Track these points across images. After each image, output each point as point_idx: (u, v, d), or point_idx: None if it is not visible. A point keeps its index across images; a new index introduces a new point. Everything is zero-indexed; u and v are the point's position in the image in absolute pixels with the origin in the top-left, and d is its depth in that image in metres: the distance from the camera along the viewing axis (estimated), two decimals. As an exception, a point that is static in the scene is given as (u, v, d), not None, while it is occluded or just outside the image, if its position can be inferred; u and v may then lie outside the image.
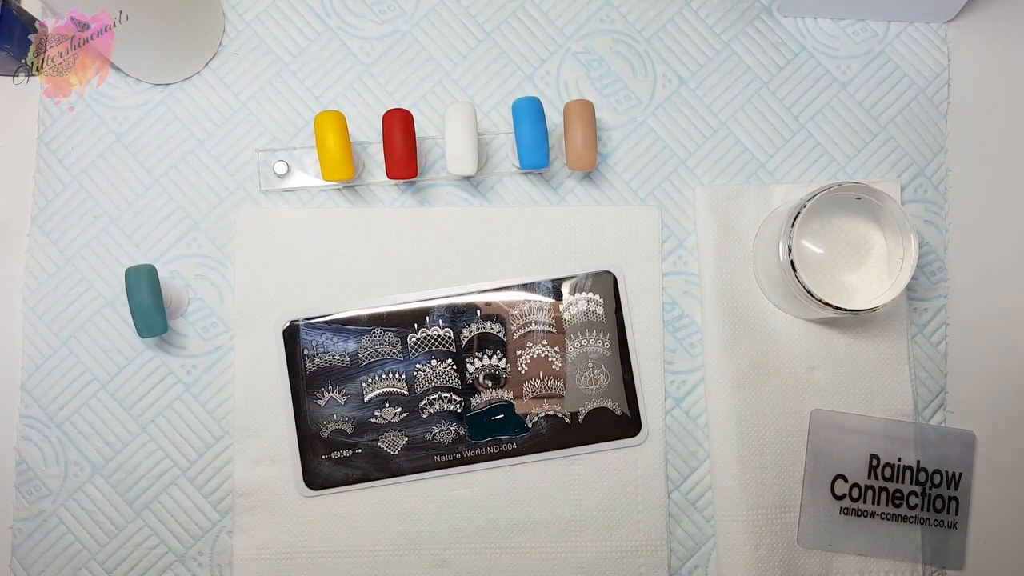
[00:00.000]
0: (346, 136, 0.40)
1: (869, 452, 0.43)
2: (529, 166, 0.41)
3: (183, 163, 0.44)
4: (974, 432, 0.44)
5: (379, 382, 0.42)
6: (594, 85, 0.46)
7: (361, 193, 0.45)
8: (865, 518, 0.43)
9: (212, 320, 0.44)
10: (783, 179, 0.46)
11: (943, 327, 0.45)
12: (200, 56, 0.44)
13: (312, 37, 0.45)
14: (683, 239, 0.45)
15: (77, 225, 0.44)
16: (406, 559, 0.42)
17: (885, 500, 0.43)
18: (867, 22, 0.47)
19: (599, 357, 0.43)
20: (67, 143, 0.44)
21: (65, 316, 0.43)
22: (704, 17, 0.46)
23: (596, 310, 0.44)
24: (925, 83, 0.46)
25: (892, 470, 0.43)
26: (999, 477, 0.45)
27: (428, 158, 0.45)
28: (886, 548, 0.43)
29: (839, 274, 0.42)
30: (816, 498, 0.43)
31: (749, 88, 0.46)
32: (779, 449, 0.43)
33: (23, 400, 0.43)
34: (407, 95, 0.45)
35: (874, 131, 0.46)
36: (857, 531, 0.43)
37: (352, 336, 0.43)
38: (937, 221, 0.46)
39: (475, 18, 0.46)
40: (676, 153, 0.45)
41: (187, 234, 0.44)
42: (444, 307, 0.43)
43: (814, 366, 0.44)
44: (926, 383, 0.45)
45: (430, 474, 0.42)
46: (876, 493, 0.43)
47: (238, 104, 0.45)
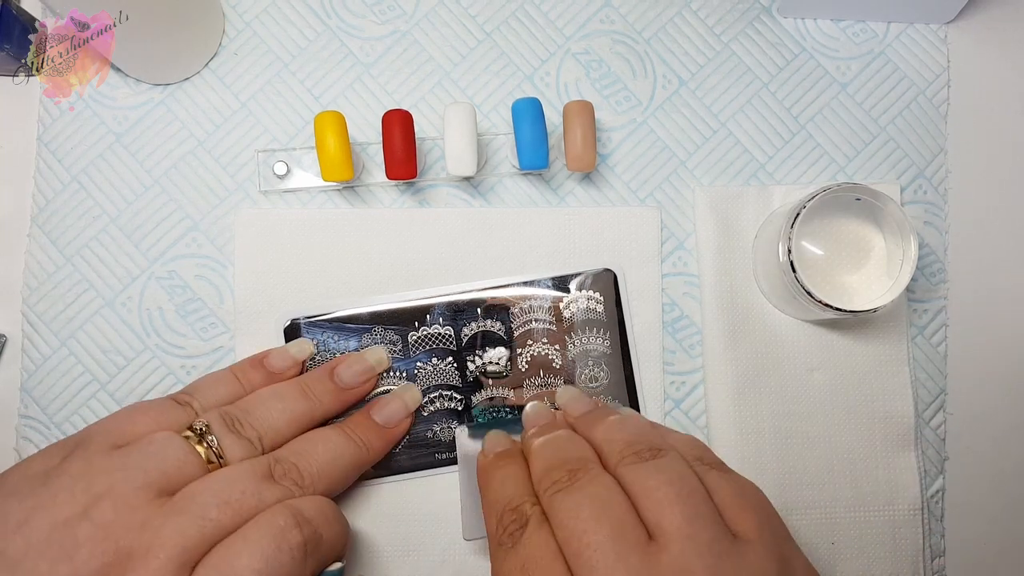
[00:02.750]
0: (346, 137, 0.40)
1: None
2: (529, 167, 0.41)
3: (183, 163, 0.44)
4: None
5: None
6: (594, 86, 0.46)
7: (361, 194, 0.45)
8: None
9: (211, 320, 0.44)
10: (783, 180, 0.46)
11: (943, 328, 0.45)
12: (200, 56, 0.44)
13: (312, 37, 0.45)
14: (683, 240, 0.45)
15: (77, 225, 0.44)
16: (405, 558, 0.42)
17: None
18: (867, 23, 0.46)
19: (599, 355, 0.43)
20: (67, 143, 0.44)
21: (64, 316, 0.43)
22: (704, 18, 0.46)
23: (596, 308, 0.44)
24: (925, 84, 0.46)
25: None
26: (999, 477, 0.45)
27: (428, 159, 0.45)
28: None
29: (839, 275, 0.42)
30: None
31: (749, 89, 0.46)
32: (778, 451, 0.43)
33: (22, 400, 0.43)
34: (407, 95, 0.45)
35: (874, 132, 0.46)
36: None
37: (353, 334, 0.43)
38: (937, 222, 0.46)
39: (475, 19, 0.46)
40: (676, 154, 0.45)
41: (187, 234, 0.44)
42: (444, 305, 0.43)
43: (814, 367, 0.44)
44: (926, 384, 0.45)
45: (431, 472, 0.42)
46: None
47: (238, 104, 0.45)
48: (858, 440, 0.44)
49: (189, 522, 0.31)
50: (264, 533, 0.32)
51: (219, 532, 0.32)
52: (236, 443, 0.35)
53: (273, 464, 0.35)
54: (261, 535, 0.32)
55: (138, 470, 0.32)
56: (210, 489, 0.33)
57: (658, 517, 0.29)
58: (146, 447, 0.33)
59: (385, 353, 0.42)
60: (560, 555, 0.30)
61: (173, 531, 0.31)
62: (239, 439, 0.35)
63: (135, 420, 0.35)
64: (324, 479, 0.37)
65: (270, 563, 0.31)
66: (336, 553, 0.35)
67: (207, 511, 0.32)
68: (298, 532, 0.32)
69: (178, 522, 0.31)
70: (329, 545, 0.34)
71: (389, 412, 0.41)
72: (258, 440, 0.36)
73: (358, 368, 0.41)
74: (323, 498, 0.36)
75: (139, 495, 0.32)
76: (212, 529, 0.31)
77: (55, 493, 0.31)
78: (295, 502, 0.34)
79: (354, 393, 0.41)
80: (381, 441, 0.40)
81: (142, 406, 0.36)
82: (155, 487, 0.32)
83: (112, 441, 0.34)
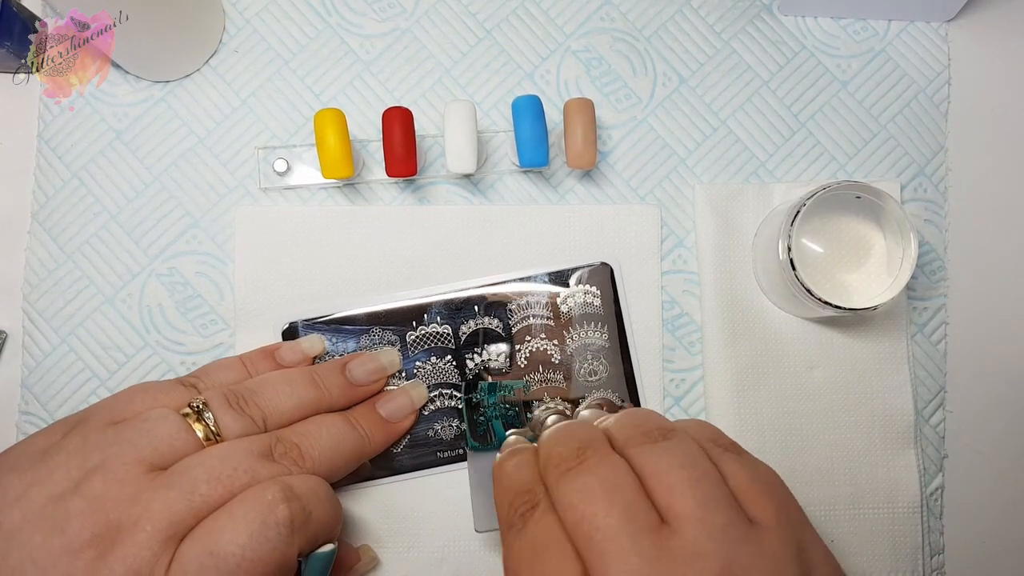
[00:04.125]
0: (346, 134, 0.40)
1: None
2: (529, 164, 0.41)
3: (183, 160, 0.44)
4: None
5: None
6: (594, 83, 0.46)
7: (361, 191, 0.45)
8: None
9: (211, 317, 0.44)
10: (783, 178, 0.46)
11: (943, 327, 0.45)
12: (200, 53, 0.45)
13: (312, 35, 0.45)
14: (683, 238, 0.45)
15: (77, 222, 0.44)
16: (405, 555, 0.42)
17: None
18: (867, 21, 0.46)
19: (598, 349, 0.43)
20: (67, 140, 0.44)
21: (65, 313, 0.43)
22: (704, 16, 0.46)
23: (593, 302, 0.44)
24: (925, 82, 0.46)
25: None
26: (999, 475, 0.45)
27: (428, 156, 0.45)
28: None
29: (838, 273, 0.42)
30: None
31: (749, 87, 0.46)
32: (778, 448, 0.43)
33: (23, 397, 0.43)
34: (407, 93, 0.45)
35: (874, 130, 0.46)
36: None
37: (351, 336, 0.43)
38: (937, 220, 0.46)
39: (475, 16, 0.46)
40: (676, 152, 0.45)
41: (187, 231, 0.44)
42: (442, 304, 0.43)
43: (813, 365, 0.44)
44: (925, 383, 0.45)
45: (432, 471, 0.43)
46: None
47: (238, 101, 0.45)
48: (857, 438, 0.44)
49: (178, 496, 0.31)
50: (250, 508, 0.32)
51: (208, 507, 0.32)
52: (236, 420, 0.35)
53: (275, 443, 0.35)
54: (247, 510, 0.32)
55: (129, 445, 0.33)
56: (203, 464, 0.33)
57: (669, 500, 0.28)
58: (140, 423, 0.34)
59: (398, 356, 0.42)
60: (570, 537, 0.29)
61: (162, 505, 0.31)
62: (239, 416, 0.35)
63: (135, 398, 0.35)
64: (325, 463, 0.37)
65: (255, 538, 0.31)
66: (328, 534, 0.35)
67: (197, 486, 0.32)
68: (285, 507, 0.32)
69: (167, 496, 0.31)
70: (320, 524, 0.34)
71: (394, 407, 0.41)
72: (262, 420, 0.36)
73: (371, 367, 0.41)
74: (317, 478, 0.36)
75: (130, 470, 0.32)
76: (201, 504, 0.32)
77: (52, 469, 0.32)
78: (286, 479, 0.34)
79: (363, 391, 0.41)
80: (383, 434, 0.40)
81: (145, 385, 0.37)
82: (146, 462, 0.32)
83: (111, 418, 0.34)
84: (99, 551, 0.30)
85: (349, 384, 0.40)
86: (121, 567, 0.30)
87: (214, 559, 0.31)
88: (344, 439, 0.38)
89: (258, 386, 0.37)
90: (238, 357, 0.40)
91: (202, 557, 0.31)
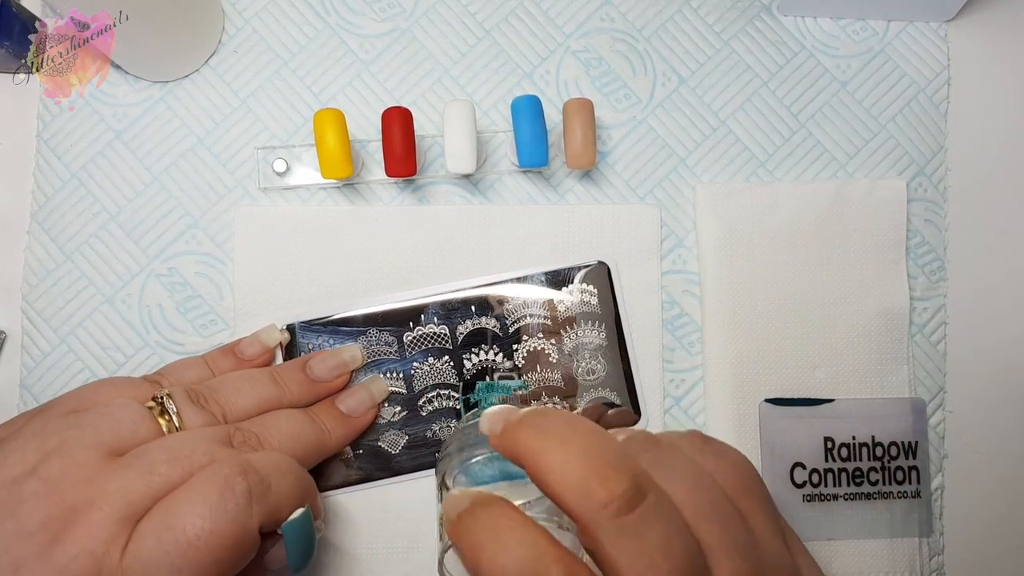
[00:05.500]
0: (345, 134, 0.40)
1: (822, 435, 0.43)
2: (528, 164, 0.41)
3: (182, 160, 0.44)
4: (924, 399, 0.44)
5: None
6: (594, 84, 0.46)
7: (360, 191, 0.45)
8: (828, 502, 0.43)
9: (211, 317, 0.44)
10: (783, 178, 0.46)
11: (943, 327, 0.45)
12: (200, 54, 0.45)
13: (312, 35, 0.45)
14: (682, 238, 0.45)
15: (76, 222, 0.44)
16: (406, 555, 0.42)
17: (846, 480, 0.43)
18: (867, 21, 0.46)
19: (596, 347, 0.43)
20: (66, 140, 0.44)
21: (64, 313, 0.43)
22: (704, 16, 0.46)
23: (591, 300, 0.44)
24: (925, 82, 0.46)
25: (848, 449, 0.43)
26: (999, 475, 0.45)
27: (427, 156, 0.45)
28: (853, 528, 0.43)
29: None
30: (777, 490, 0.43)
31: (749, 87, 0.46)
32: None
33: (22, 397, 0.43)
34: (406, 93, 0.45)
35: (874, 130, 0.46)
36: (822, 516, 0.43)
37: (348, 337, 0.43)
38: (937, 220, 0.46)
39: (474, 16, 0.46)
40: (675, 152, 0.45)
41: (186, 231, 0.44)
42: (438, 304, 0.43)
43: (814, 365, 0.44)
44: (925, 383, 0.45)
45: (431, 471, 0.42)
46: (836, 475, 0.43)
47: (237, 102, 0.45)
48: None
49: (136, 476, 0.31)
50: (208, 482, 0.31)
51: (166, 487, 0.31)
52: (197, 414, 0.35)
53: (233, 432, 0.35)
54: (205, 484, 0.31)
55: (91, 428, 0.32)
56: (161, 446, 0.33)
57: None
58: (103, 409, 0.34)
59: (360, 351, 0.42)
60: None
61: (119, 485, 0.31)
62: (201, 411, 0.35)
63: (100, 390, 0.36)
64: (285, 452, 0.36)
65: (214, 511, 0.31)
66: (292, 504, 0.34)
67: (155, 467, 0.32)
68: (243, 479, 0.32)
69: (124, 476, 0.31)
70: (282, 496, 0.33)
71: (354, 402, 0.41)
72: (222, 416, 0.36)
73: (332, 363, 0.41)
74: (279, 453, 0.35)
75: (89, 453, 0.32)
76: (160, 483, 0.31)
77: (7, 454, 0.32)
78: (246, 455, 0.33)
79: (324, 387, 0.41)
80: (344, 429, 0.40)
81: (109, 379, 0.37)
82: (106, 446, 0.32)
83: (74, 407, 0.34)
84: (53, 533, 0.30)
85: (309, 381, 0.40)
86: (75, 548, 0.29)
87: (172, 531, 0.30)
88: (303, 431, 0.38)
89: (219, 384, 0.38)
90: (200, 356, 0.41)
91: (159, 531, 0.30)
